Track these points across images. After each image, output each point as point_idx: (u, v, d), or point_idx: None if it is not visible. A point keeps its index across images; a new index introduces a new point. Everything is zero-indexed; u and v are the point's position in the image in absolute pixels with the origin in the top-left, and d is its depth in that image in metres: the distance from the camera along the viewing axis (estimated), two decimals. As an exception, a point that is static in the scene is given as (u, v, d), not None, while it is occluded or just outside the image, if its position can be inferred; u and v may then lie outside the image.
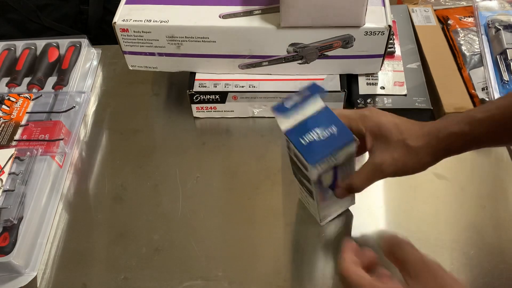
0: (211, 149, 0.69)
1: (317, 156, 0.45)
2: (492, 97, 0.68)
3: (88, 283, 0.56)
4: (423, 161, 0.47)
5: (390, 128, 0.47)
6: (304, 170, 0.47)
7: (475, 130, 0.45)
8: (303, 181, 0.51)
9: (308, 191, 0.53)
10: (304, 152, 0.45)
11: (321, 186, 0.49)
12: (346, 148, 0.46)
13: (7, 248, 0.54)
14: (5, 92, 0.73)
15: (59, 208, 0.63)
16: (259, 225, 0.60)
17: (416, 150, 0.46)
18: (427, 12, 0.82)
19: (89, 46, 0.81)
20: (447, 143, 0.46)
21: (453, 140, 0.46)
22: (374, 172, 0.48)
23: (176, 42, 0.66)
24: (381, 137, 0.48)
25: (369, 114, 0.49)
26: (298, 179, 0.54)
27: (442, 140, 0.46)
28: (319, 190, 0.50)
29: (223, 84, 0.69)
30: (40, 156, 0.63)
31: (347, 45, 0.65)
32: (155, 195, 0.64)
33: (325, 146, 0.45)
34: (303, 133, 0.45)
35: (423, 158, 0.47)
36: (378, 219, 0.60)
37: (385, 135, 0.47)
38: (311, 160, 0.44)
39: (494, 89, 0.69)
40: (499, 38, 0.73)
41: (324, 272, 0.56)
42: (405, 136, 0.47)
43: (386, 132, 0.47)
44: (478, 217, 0.59)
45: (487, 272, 0.54)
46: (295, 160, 0.48)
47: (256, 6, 0.65)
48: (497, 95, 0.68)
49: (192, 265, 0.57)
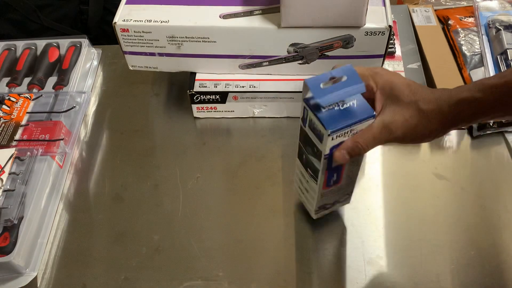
0: (211, 149, 0.69)
1: (336, 124, 0.43)
2: (492, 97, 0.68)
3: (88, 283, 0.56)
4: (432, 127, 0.45)
5: (403, 88, 0.46)
6: (317, 142, 0.46)
7: (488, 97, 0.43)
8: (310, 160, 0.50)
9: (312, 174, 0.51)
10: (323, 119, 0.44)
11: (329, 164, 0.48)
12: (364, 123, 0.45)
13: (8, 248, 0.54)
14: (5, 92, 0.73)
15: (59, 208, 0.63)
16: (259, 225, 0.60)
17: (427, 114, 0.44)
18: (427, 12, 0.82)
19: (90, 46, 0.81)
20: (457, 110, 0.44)
21: (464, 107, 0.44)
22: (382, 131, 0.45)
23: (176, 42, 0.66)
24: (392, 96, 0.46)
25: (381, 72, 0.47)
26: (304, 161, 0.52)
27: (452, 106, 0.44)
28: (326, 170, 0.48)
29: (224, 84, 0.69)
30: (40, 156, 0.63)
31: (347, 45, 0.65)
32: (156, 195, 0.64)
33: (345, 117, 0.44)
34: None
35: (432, 124, 0.45)
36: (377, 219, 0.60)
37: (396, 94, 0.45)
38: (329, 127, 0.43)
39: (494, 89, 0.69)
40: (500, 38, 0.73)
41: (324, 272, 0.56)
42: (418, 98, 0.45)
43: (398, 91, 0.45)
44: (478, 217, 0.59)
45: (487, 272, 0.55)
46: (308, 132, 0.47)
47: (257, 6, 0.65)
48: (497, 95, 0.68)
49: (192, 265, 0.57)
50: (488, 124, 0.66)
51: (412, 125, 0.45)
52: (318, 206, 0.56)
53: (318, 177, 0.50)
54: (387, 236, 0.58)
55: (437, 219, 0.60)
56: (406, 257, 0.56)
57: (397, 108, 0.45)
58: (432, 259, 0.56)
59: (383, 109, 0.46)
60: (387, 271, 0.55)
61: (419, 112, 0.45)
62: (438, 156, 0.66)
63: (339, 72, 0.44)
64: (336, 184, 0.52)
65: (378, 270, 0.55)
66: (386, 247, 0.57)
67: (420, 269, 0.55)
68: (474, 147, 0.67)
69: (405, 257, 0.56)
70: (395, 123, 0.45)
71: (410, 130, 0.45)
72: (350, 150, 0.46)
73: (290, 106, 0.70)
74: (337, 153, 0.46)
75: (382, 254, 0.57)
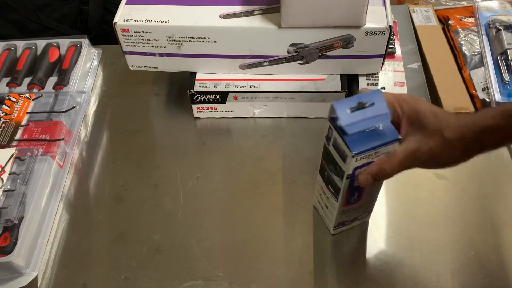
0: (211, 149, 0.69)
1: (360, 147, 0.44)
2: (492, 97, 0.69)
3: (88, 283, 0.56)
4: (456, 154, 0.46)
5: (428, 115, 0.46)
6: (341, 162, 0.47)
7: (511, 125, 0.43)
8: (332, 178, 0.50)
9: (333, 191, 0.51)
10: (348, 141, 0.44)
11: (351, 184, 0.48)
12: (389, 146, 0.45)
13: (8, 248, 0.54)
14: (5, 92, 0.73)
15: (59, 208, 0.63)
16: (259, 225, 0.60)
17: (451, 142, 0.45)
18: (427, 12, 0.82)
19: (90, 46, 0.81)
20: (482, 137, 0.44)
21: (488, 134, 0.44)
22: (407, 158, 0.46)
23: (176, 42, 0.66)
24: (417, 124, 0.46)
25: (408, 99, 0.47)
26: (325, 177, 0.52)
27: (476, 133, 0.44)
28: (347, 189, 0.49)
29: (224, 84, 0.69)
30: (40, 156, 0.63)
31: (347, 45, 0.65)
32: (156, 195, 0.64)
33: (370, 140, 0.44)
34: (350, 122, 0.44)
35: (456, 151, 0.45)
36: (378, 219, 0.60)
37: (422, 122, 0.46)
38: (354, 149, 0.44)
39: (494, 90, 0.69)
40: (500, 38, 0.73)
41: (324, 272, 0.56)
42: (443, 126, 0.45)
43: (424, 119, 0.46)
44: (478, 217, 0.59)
45: (487, 273, 0.55)
46: (332, 151, 0.48)
47: (257, 6, 0.65)
48: (497, 95, 0.69)
49: (192, 265, 0.57)
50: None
51: (436, 153, 0.46)
52: (337, 223, 0.56)
53: (339, 196, 0.50)
54: (387, 236, 0.58)
55: (437, 219, 0.60)
56: (406, 257, 0.56)
57: (422, 136, 0.46)
58: (432, 259, 0.56)
59: (408, 136, 0.47)
60: (387, 271, 0.55)
61: (444, 140, 0.45)
62: (438, 156, 0.66)
63: (367, 98, 0.44)
64: (356, 203, 0.53)
65: (378, 270, 0.55)
66: (386, 247, 0.57)
67: (420, 269, 0.55)
68: (474, 147, 0.67)
69: (405, 257, 0.56)
70: (419, 151, 0.46)
71: (434, 158, 0.46)
72: (374, 175, 0.47)
73: (290, 106, 0.70)
74: (361, 176, 0.47)
75: (382, 254, 0.57)
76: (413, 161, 0.46)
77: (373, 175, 0.47)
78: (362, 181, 0.47)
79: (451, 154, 0.46)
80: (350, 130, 0.44)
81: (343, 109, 0.44)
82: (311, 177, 0.64)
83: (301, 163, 0.66)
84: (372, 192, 0.53)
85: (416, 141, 0.46)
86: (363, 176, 0.47)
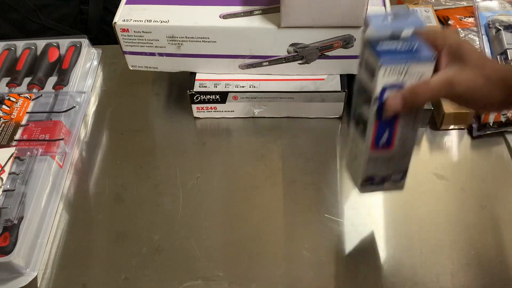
0: (211, 149, 0.69)
1: (391, 57, 0.42)
2: (492, 97, 0.68)
3: (88, 283, 0.56)
4: (496, 95, 0.43)
5: (471, 50, 0.44)
6: (369, 82, 0.44)
7: None
8: (361, 112, 0.47)
9: (362, 129, 0.48)
10: (378, 52, 0.42)
11: (379, 116, 0.45)
12: (422, 64, 0.43)
13: (8, 248, 0.54)
14: (5, 92, 0.73)
15: (59, 208, 0.63)
16: (259, 225, 0.60)
17: (493, 81, 0.43)
18: (427, 12, 0.82)
19: (90, 46, 0.81)
20: None
21: None
22: (442, 85, 0.43)
23: (176, 42, 0.66)
24: (459, 57, 0.44)
25: (451, 34, 0.46)
26: (355, 116, 0.49)
27: None
28: (376, 121, 0.46)
29: (224, 84, 0.69)
30: (40, 156, 0.63)
31: (347, 45, 0.65)
32: (156, 195, 0.64)
33: (402, 54, 0.42)
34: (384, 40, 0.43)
35: (496, 92, 0.43)
36: (378, 219, 0.60)
37: (464, 56, 0.44)
38: (384, 59, 0.41)
39: (494, 89, 0.69)
40: (500, 38, 0.73)
41: (324, 272, 0.56)
42: (486, 63, 0.43)
43: (466, 53, 0.44)
44: (478, 217, 0.59)
45: (487, 272, 0.55)
46: (363, 76, 0.45)
47: (257, 6, 0.65)
48: (497, 95, 0.68)
49: (192, 265, 0.57)
50: (488, 124, 0.66)
51: (475, 86, 0.43)
52: (366, 175, 0.51)
53: (367, 128, 0.47)
54: (387, 236, 0.58)
55: (437, 219, 0.60)
56: (406, 257, 0.56)
57: (462, 68, 0.43)
58: (432, 259, 0.56)
59: (447, 67, 0.44)
60: (387, 271, 0.55)
61: (485, 77, 0.43)
62: (438, 156, 0.66)
63: (403, 14, 0.44)
64: (386, 148, 0.49)
65: (378, 270, 0.55)
66: (386, 247, 0.57)
67: (420, 269, 0.55)
68: (474, 147, 0.67)
69: (405, 257, 0.56)
70: (458, 78, 0.43)
71: (473, 90, 0.43)
72: (403, 96, 0.43)
73: (290, 106, 0.70)
74: (390, 99, 0.44)
75: (382, 254, 0.57)
76: (450, 89, 0.43)
77: (403, 96, 0.43)
78: (390, 102, 0.43)
79: (491, 92, 0.43)
80: (380, 31, 0.42)
81: (377, 19, 0.44)
82: (311, 177, 0.64)
83: (301, 163, 0.66)
84: (404, 137, 0.48)
85: (455, 69, 0.43)
86: (392, 97, 0.43)
